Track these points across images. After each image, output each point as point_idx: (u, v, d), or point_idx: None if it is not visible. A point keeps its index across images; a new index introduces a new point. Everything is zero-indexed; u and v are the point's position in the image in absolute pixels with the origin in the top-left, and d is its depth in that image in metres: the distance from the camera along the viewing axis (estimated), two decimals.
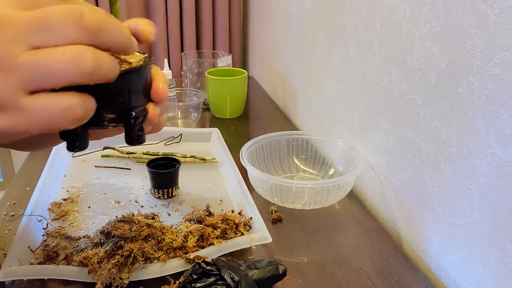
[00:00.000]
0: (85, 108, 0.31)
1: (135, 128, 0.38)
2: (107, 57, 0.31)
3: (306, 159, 0.91)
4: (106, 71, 0.30)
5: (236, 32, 1.82)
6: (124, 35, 0.32)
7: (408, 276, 0.61)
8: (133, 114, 0.37)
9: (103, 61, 0.30)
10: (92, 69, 0.29)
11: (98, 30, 0.29)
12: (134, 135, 0.39)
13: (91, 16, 0.29)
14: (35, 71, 0.28)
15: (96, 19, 0.29)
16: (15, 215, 0.71)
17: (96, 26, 0.29)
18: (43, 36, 0.28)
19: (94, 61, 0.29)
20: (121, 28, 0.32)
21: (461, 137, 0.56)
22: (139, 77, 0.37)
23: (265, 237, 0.62)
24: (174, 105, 1.14)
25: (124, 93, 0.36)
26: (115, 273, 0.53)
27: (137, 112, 0.38)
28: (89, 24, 0.29)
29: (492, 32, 0.49)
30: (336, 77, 0.93)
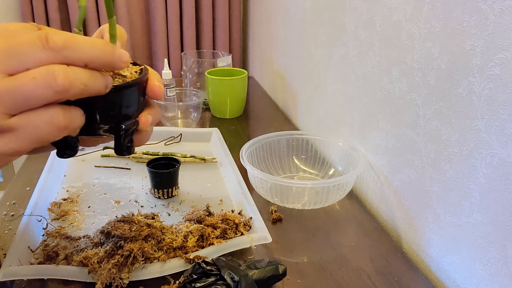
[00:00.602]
0: (67, 117, 0.32)
1: (125, 140, 0.39)
2: (82, 73, 0.32)
3: (306, 159, 0.91)
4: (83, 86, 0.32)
5: (236, 32, 1.82)
6: (98, 49, 0.33)
7: (408, 276, 0.61)
8: (123, 126, 0.38)
9: (76, 77, 0.31)
10: (64, 87, 0.30)
11: (64, 48, 0.31)
12: (124, 146, 0.40)
13: (55, 37, 0.30)
14: (12, 97, 0.30)
15: (60, 38, 0.31)
16: (15, 215, 0.71)
17: (61, 45, 0.30)
18: (14, 62, 0.30)
19: (65, 78, 0.30)
20: (92, 43, 0.32)
21: (461, 137, 0.56)
22: (131, 92, 0.38)
23: (265, 237, 0.62)
24: (174, 105, 1.14)
25: (115, 107, 0.37)
26: (115, 273, 0.53)
27: (128, 124, 0.38)
28: (54, 44, 0.30)
29: (492, 32, 0.49)
30: (336, 77, 0.93)
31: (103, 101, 0.35)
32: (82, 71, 0.32)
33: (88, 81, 0.32)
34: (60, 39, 0.30)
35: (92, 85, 0.32)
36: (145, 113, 0.40)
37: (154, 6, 1.68)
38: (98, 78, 0.33)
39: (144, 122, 0.40)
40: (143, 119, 0.40)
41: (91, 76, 0.32)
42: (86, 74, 0.32)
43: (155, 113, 0.42)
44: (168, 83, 1.15)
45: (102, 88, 0.33)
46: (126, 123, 0.38)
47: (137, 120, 0.40)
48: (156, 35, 1.72)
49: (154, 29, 1.72)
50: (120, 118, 0.38)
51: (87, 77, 0.32)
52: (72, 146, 0.37)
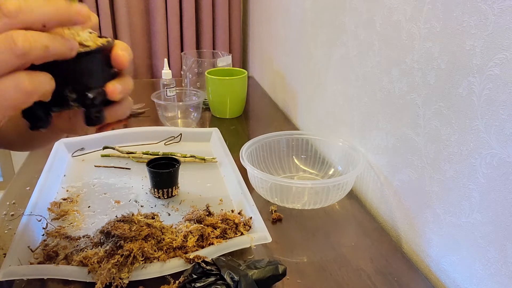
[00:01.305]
0: (34, 81, 0.33)
1: (92, 109, 0.39)
2: (42, 34, 0.32)
3: (306, 159, 0.91)
4: (44, 47, 0.32)
5: (236, 32, 1.82)
6: (52, 6, 0.33)
7: (408, 276, 0.61)
8: (89, 95, 0.38)
9: (36, 39, 0.32)
10: (24, 49, 0.31)
11: (17, 12, 0.31)
12: (92, 115, 0.40)
13: (8, 3, 0.31)
14: None
15: (13, 3, 0.31)
16: (14, 214, 0.71)
17: (14, 10, 0.31)
18: None
19: (25, 41, 0.31)
20: (45, 2, 0.33)
21: (461, 137, 0.56)
22: (92, 59, 0.38)
23: (265, 237, 0.62)
24: (174, 105, 1.14)
25: (77, 75, 0.37)
26: (115, 272, 0.53)
27: (93, 92, 0.38)
28: (7, 11, 0.31)
29: (492, 32, 0.49)
30: (336, 77, 0.93)
31: (66, 69, 0.36)
32: (42, 33, 0.33)
33: (48, 42, 0.33)
34: (12, 5, 0.31)
35: (54, 46, 0.33)
36: (112, 82, 0.40)
37: (154, 6, 1.67)
38: (59, 39, 0.34)
39: (111, 91, 0.39)
40: (110, 87, 0.39)
41: (51, 37, 0.33)
42: (46, 35, 0.33)
43: (124, 82, 0.41)
44: (168, 83, 1.15)
45: (67, 50, 0.34)
46: (91, 92, 0.38)
47: (104, 89, 0.39)
48: (156, 35, 1.71)
49: (154, 29, 1.72)
50: (84, 87, 0.38)
51: (48, 39, 0.33)
52: (43, 118, 0.38)
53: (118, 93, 0.39)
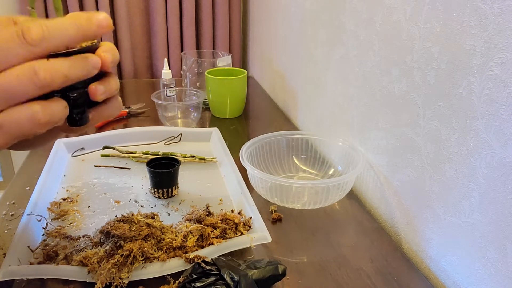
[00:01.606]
0: (47, 114, 0.34)
1: (74, 109, 0.39)
2: (62, 64, 0.33)
3: (306, 159, 0.91)
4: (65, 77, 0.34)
5: (236, 31, 1.82)
6: (75, 29, 0.34)
7: (408, 276, 0.61)
8: (71, 96, 0.38)
9: (56, 69, 0.33)
10: (46, 81, 0.33)
11: (41, 41, 0.32)
12: (74, 115, 0.40)
13: (32, 32, 0.32)
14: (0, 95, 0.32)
15: (36, 33, 0.32)
16: (14, 214, 0.71)
17: (38, 39, 0.32)
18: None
19: (46, 73, 0.32)
20: (63, 26, 0.34)
21: (461, 137, 0.56)
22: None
23: (265, 237, 0.62)
24: (174, 105, 1.14)
25: None
26: (115, 272, 0.53)
27: (75, 93, 0.39)
28: (32, 40, 0.32)
29: (492, 32, 0.49)
30: (336, 77, 0.93)
31: None
32: (62, 63, 0.33)
33: (68, 71, 0.34)
34: (36, 34, 0.32)
35: (74, 73, 0.34)
36: (95, 83, 0.40)
37: (154, 6, 1.67)
38: (79, 65, 0.34)
39: (93, 92, 0.39)
40: (92, 88, 0.39)
41: (72, 65, 0.34)
42: (68, 63, 0.34)
43: (108, 83, 0.41)
44: (168, 82, 1.15)
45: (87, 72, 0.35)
46: (72, 92, 0.38)
47: (86, 90, 0.39)
48: (156, 35, 1.71)
49: (154, 29, 1.71)
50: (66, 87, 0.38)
51: (68, 67, 0.34)
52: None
53: (100, 94, 0.40)
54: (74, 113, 0.40)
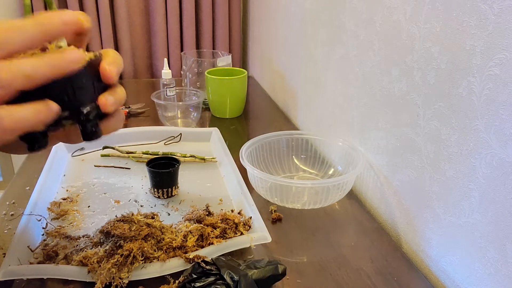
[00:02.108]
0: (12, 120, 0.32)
1: (87, 124, 0.39)
2: (25, 64, 0.32)
3: (306, 159, 0.91)
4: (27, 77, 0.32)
5: (236, 31, 1.82)
6: (35, 30, 0.33)
7: (408, 276, 0.61)
8: (83, 110, 0.38)
9: (18, 69, 0.32)
10: (6, 81, 0.31)
11: (2, 43, 0.31)
12: (88, 130, 0.39)
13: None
14: None
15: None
16: (14, 214, 0.71)
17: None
18: None
19: (6, 73, 0.31)
20: (22, 26, 0.32)
21: (461, 137, 0.56)
22: (82, 76, 0.37)
23: (265, 236, 0.62)
24: (174, 105, 1.14)
25: (66, 93, 0.37)
26: (115, 272, 0.53)
27: (87, 108, 0.38)
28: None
29: (492, 32, 0.49)
30: (336, 76, 0.93)
31: (55, 88, 0.35)
32: (24, 61, 0.32)
33: (32, 72, 0.32)
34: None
35: (40, 72, 0.33)
36: (104, 94, 0.39)
37: (154, 6, 1.67)
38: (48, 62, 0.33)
39: (103, 104, 0.39)
40: (102, 100, 0.39)
41: (35, 64, 0.32)
42: (28, 63, 0.32)
43: (116, 93, 0.40)
44: (168, 82, 1.15)
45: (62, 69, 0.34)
46: (85, 107, 0.38)
47: (97, 103, 0.39)
48: (156, 34, 1.71)
49: (154, 29, 1.71)
50: (77, 103, 0.37)
51: (30, 66, 0.32)
52: (40, 139, 0.37)
53: (111, 105, 0.39)
54: (88, 127, 0.39)
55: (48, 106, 0.35)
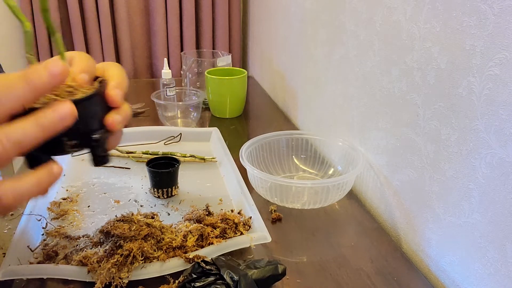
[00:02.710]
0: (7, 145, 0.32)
1: (98, 150, 0.39)
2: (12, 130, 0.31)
3: (306, 159, 0.91)
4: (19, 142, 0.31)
5: (236, 31, 1.82)
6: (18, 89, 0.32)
7: (408, 275, 0.61)
8: (93, 137, 0.38)
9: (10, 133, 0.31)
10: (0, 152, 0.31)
11: None
12: (99, 155, 0.40)
13: None
14: None
15: None
16: (14, 214, 0.71)
17: None
18: None
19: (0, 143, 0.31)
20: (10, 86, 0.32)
21: (461, 137, 0.56)
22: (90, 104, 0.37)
23: (265, 236, 0.62)
24: (173, 105, 1.14)
25: (76, 123, 0.36)
26: (115, 272, 0.53)
27: (97, 135, 0.38)
28: None
29: (492, 32, 0.49)
30: (335, 76, 0.93)
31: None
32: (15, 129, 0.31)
33: (22, 138, 0.32)
34: None
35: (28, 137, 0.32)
36: (111, 114, 0.39)
37: (153, 6, 1.67)
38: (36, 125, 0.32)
39: (111, 124, 0.39)
40: (109, 120, 0.39)
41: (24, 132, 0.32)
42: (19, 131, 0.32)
43: (123, 111, 0.40)
44: (167, 82, 1.15)
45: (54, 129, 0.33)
46: (95, 133, 0.38)
47: (106, 128, 0.39)
48: (156, 34, 1.71)
49: (154, 29, 1.71)
50: (85, 131, 0.38)
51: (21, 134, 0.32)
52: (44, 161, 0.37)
53: (118, 123, 0.39)
54: (99, 152, 0.39)
55: (49, 172, 0.35)
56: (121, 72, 0.42)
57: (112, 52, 1.70)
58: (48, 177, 0.35)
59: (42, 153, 0.36)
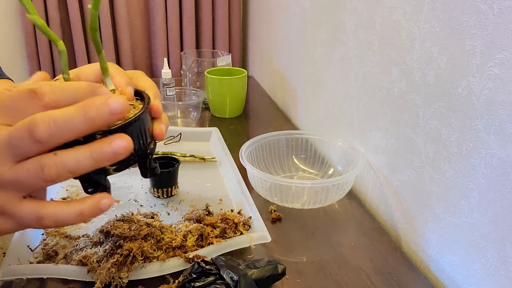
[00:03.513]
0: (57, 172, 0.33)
1: (151, 162, 0.41)
2: (69, 160, 0.33)
3: (306, 159, 0.91)
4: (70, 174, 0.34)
5: (236, 31, 1.82)
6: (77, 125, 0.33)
7: (407, 275, 0.61)
8: (149, 150, 0.40)
9: (63, 167, 0.33)
10: (51, 178, 0.33)
11: (50, 137, 0.32)
12: (152, 166, 0.42)
13: (40, 128, 0.32)
14: (14, 185, 0.33)
15: (43, 129, 0.32)
16: None
17: (47, 135, 0.32)
18: (12, 155, 0.33)
19: (51, 171, 0.33)
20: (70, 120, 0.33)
21: (461, 137, 0.56)
22: (142, 122, 0.39)
23: (264, 236, 0.62)
24: (173, 105, 1.14)
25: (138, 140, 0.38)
26: (114, 272, 0.53)
27: (150, 146, 0.41)
28: (39, 137, 0.32)
29: (492, 32, 0.49)
30: (335, 76, 0.93)
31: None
32: (69, 159, 0.33)
33: (75, 168, 0.33)
34: (43, 132, 0.32)
35: (82, 167, 0.34)
36: (158, 125, 0.41)
37: (153, 6, 1.67)
38: (90, 157, 0.34)
39: (159, 134, 0.41)
40: (158, 131, 0.41)
41: (78, 161, 0.33)
42: (72, 161, 0.33)
43: (165, 119, 0.43)
44: (167, 82, 1.15)
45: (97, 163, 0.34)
46: (149, 147, 0.40)
47: (153, 138, 0.41)
48: (156, 34, 1.71)
49: (154, 29, 1.72)
50: (142, 147, 0.39)
51: (74, 164, 0.33)
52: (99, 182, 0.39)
53: (164, 133, 0.42)
54: (152, 163, 0.41)
55: (95, 206, 0.37)
56: (152, 82, 0.45)
57: (112, 52, 1.71)
58: (92, 210, 0.37)
59: (94, 173, 0.37)
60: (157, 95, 0.43)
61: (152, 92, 0.42)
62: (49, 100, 0.33)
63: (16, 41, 1.66)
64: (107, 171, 0.38)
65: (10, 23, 1.62)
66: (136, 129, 0.38)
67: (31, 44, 1.65)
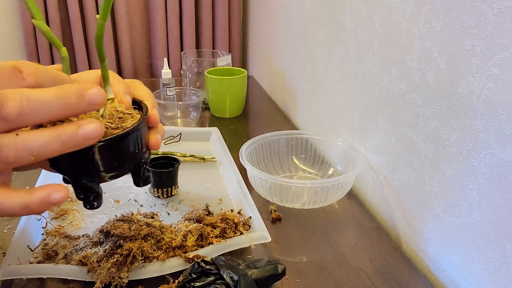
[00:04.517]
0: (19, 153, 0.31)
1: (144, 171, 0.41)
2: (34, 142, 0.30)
3: (306, 159, 0.91)
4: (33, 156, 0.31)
5: (236, 31, 1.82)
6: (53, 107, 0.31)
7: (407, 275, 0.61)
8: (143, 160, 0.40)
9: (25, 148, 0.30)
10: (8, 159, 0.30)
11: (18, 116, 0.30)
12: (145, 175, 0.42)
13: (8, 105, 0.29)
14: None
15: (12, 106, 0.29)
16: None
17: (14, 114, 0.29)
18: None
19: (9, 152, 0.30)
20: (46, 101, 0.31)
21: (461, 137, 0.56)
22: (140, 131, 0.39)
23: (264, 236, 0.62)
24: (173, 105, 1.14)
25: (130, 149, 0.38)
26: (114, 272, 0.53)
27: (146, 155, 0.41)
28: (6, 113, 0.29)
29: (492, 32, 0.49)
30: (335, 76, 0.93)
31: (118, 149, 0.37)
32: (33, 141, 0.31)
33: (39, 150, 0.31)
34: (12, 108, 0.29)
35: (47, 150, 0.31)
36: (154, 135, 0.41)
37: (153, 6, 1.67)
38: (53, 142, 0.31)
39: (155, 144, 0.41)
40: (153, 141, 0.41)
41: (43, 144, 0.31)
42: (37, 143, 0.31)
43: (161, 130, 0.43)
44: (167, 82, 1.15)
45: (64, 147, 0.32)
46: (144, 156, 0.40)
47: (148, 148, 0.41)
48: (156, 34, 1.71)
49: (154, 29, 1.71)
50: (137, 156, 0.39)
51: (38, 146, 0.31)
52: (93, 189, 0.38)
53: (160, 142, 0.42)
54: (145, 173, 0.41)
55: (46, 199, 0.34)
56: (149, 91, 0.45)
57: (112, 52, 1.71)
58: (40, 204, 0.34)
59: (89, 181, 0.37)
60: (154, 104, 0.43)
61: (149, 102, 0.42)
62: (31, 82, 0.31)
63: (16, 41, 1.66)
64: (102, 178, 0.37)
65: (10, 23, 1.61)
66: (133, 138, 0.38)
67: (31, 44, 1.65)
